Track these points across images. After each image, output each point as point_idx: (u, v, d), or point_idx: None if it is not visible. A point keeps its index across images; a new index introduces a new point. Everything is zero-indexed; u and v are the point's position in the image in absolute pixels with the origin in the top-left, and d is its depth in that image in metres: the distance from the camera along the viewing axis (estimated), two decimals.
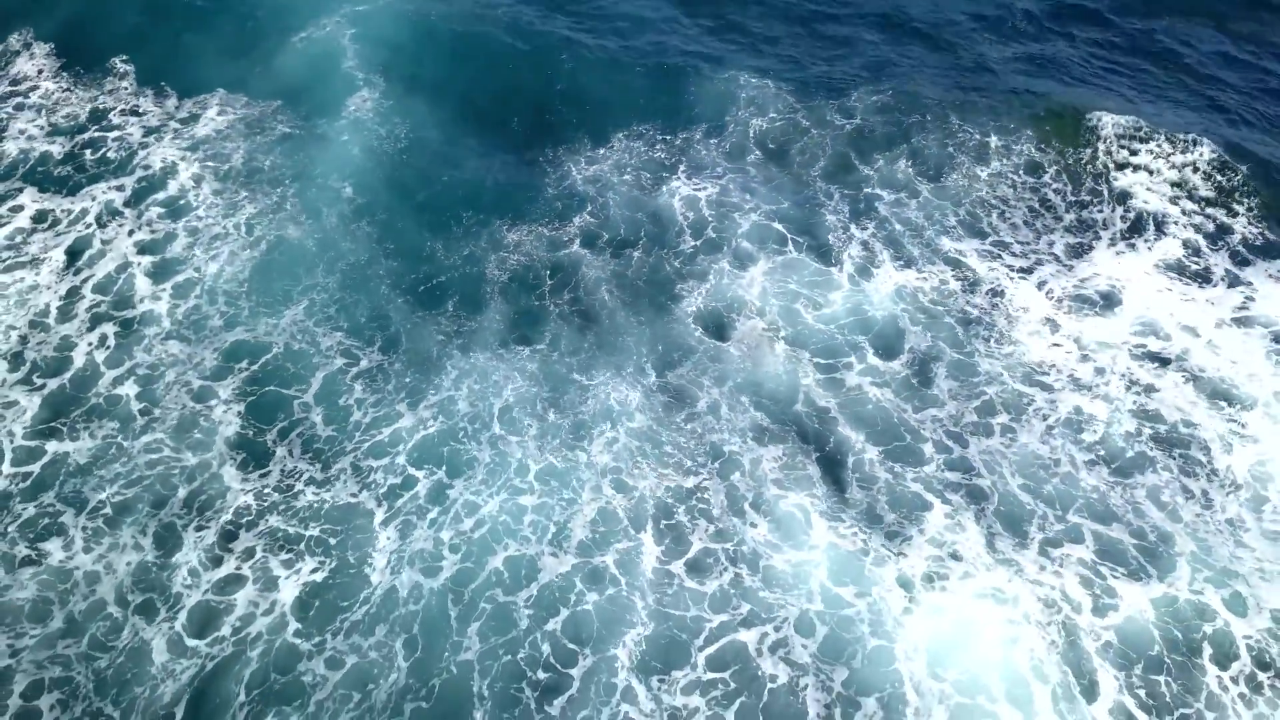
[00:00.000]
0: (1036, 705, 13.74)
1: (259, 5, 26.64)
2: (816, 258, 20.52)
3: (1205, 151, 23.02)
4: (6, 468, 15.66)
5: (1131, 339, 19.15)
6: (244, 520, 15.21)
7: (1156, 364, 18.64)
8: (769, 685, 13.77)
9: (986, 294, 19.95)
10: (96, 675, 13.36)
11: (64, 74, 24.35)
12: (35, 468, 15.67)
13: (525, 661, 13.80)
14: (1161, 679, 14.11)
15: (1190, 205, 22.16)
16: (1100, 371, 18.46)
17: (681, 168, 22.58)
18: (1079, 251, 21.12)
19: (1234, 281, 20.46)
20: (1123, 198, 22.32)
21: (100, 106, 23.22)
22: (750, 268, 20.18)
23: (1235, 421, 17.59)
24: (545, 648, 13.99)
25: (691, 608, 14.55)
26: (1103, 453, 17.09)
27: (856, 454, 16.77)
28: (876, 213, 21.64)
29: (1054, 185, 22.54)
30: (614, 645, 14.06)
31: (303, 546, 14.93)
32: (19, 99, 23.39)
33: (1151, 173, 22.92)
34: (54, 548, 14.73)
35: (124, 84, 24.01)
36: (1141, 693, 13.95)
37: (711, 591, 14.76)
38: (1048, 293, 20.05)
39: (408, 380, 17.50)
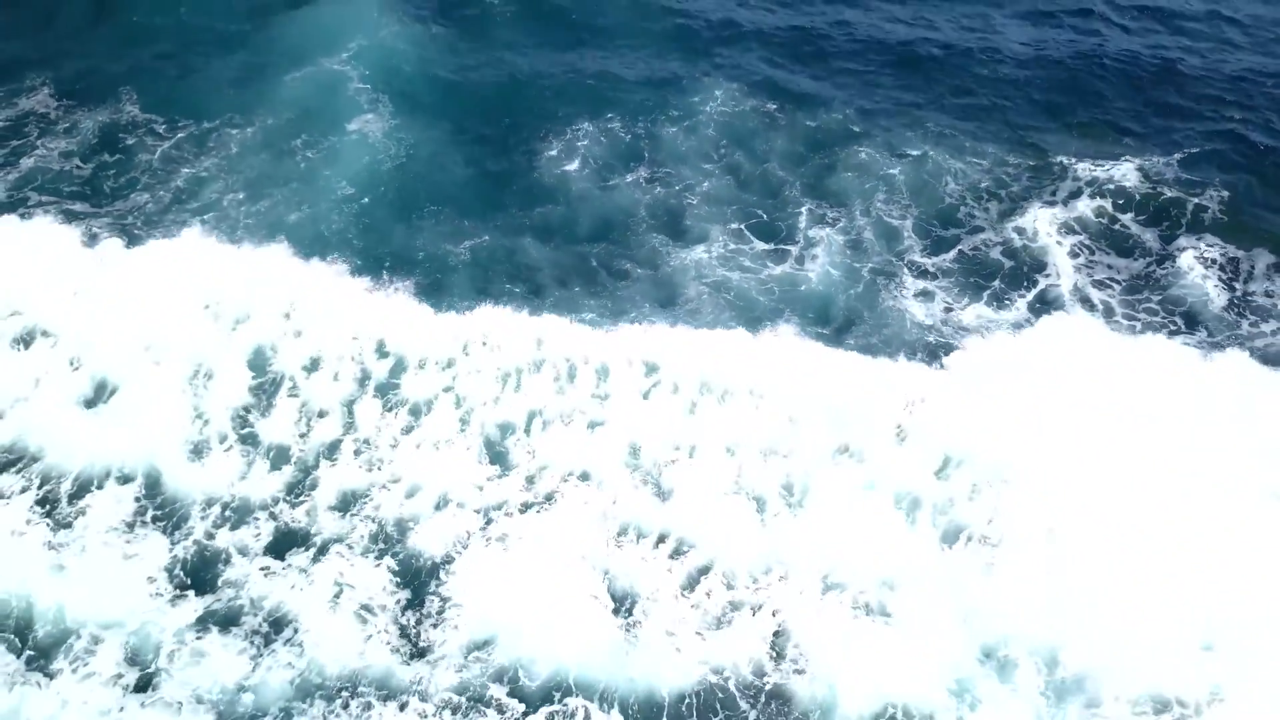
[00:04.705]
0: None
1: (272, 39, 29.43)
2: (765, 238, 23.29)
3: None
4: None
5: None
6: None
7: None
8: None
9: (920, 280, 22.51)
10: None
11: (76, 105, 26.38)
12: None
13: None
14: None
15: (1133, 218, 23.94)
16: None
17: (645, 159, 25.54)
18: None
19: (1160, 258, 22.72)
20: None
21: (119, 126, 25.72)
22: (700, 245, 22.91)
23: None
24: None
25: None
26: None
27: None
28: (828, 201, 24.28)
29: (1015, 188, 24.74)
30: None
31: None
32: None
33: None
34: None
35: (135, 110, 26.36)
36: None
37: None
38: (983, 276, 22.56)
39: None
